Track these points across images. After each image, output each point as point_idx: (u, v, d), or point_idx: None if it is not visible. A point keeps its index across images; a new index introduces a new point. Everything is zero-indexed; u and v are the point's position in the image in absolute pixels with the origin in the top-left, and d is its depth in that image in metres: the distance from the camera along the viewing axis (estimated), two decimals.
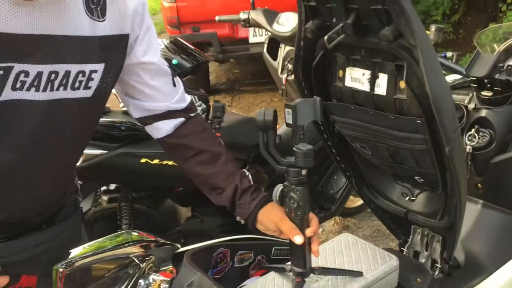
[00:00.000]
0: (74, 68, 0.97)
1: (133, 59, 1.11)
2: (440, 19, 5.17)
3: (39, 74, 0.91)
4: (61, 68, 0.94)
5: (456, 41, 5.16)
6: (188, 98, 1.27)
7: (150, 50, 1.13)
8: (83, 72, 0.99)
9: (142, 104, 1.20)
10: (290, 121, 1.03)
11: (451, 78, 1.77)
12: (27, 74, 0.90)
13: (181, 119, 1.23)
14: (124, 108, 2.05)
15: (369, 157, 1.36)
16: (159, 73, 1.17)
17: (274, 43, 2.64)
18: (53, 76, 0.94)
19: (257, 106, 5.35)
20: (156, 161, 1.87)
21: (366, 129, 1.23)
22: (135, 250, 1.14)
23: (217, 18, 2.55)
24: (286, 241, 1.44)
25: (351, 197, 2.89)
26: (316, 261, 1.30)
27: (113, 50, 1.05)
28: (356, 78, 1.20)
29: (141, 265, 1.08)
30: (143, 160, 1.85)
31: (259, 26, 2.39)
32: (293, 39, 2.17)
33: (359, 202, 3.05)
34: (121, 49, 1.07)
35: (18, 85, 0.90)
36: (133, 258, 1.09)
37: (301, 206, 1.08)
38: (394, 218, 1.53)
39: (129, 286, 1.00)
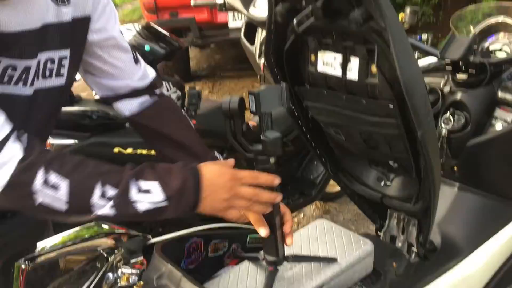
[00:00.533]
0: (43, 57, 0.96)
1: (92, 36, 1.08)
2: (420, 2, 5.16)
3: (26, 69, 0.92)
4: (42, 56, 0.95)
5: (436, 24, 5.16)
6: (151, 73, 1.23)
7: (108, 25, 1.10)
8: (52, 60, 0.98)
9: (104, 82, 1.16)
10: (254, 109, 1.00)
11: (426, 61, 1.75)
12: (14, 67, 0.90)
13: (146, 98, 1.21)
14: (97, 96, 2.01)
15: (343, 143, 1.34)
16: (118, 49, 1.14)
17: (251, 27, 2.60)
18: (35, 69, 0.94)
19: (238, 92, 5.31)
20: (129, 150, 1.83)
21: (339, 115, 1.21)
22: (103, 242, 1.11)
23: (192, 2, 2.49)
24: None
25: (331, 182, 2.89)
26: (290, 249, 1.29)
27: (78, 33, 1.03)
28: (328, 62, 1.17)
29: (109, 258, 1.05)
30: (116, 150, 1.81)
31: (235, 10, 2.34)
32: None
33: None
34: (85, 30, 1.05)
35: (6, 79, 0.90)
36: (101, 251, 1.06)
37: None
38: (370, 203, 1.52)
39: (96, 279, 0.97)
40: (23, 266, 0.91)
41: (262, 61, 2.48)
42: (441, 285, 1.38)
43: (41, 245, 1.02)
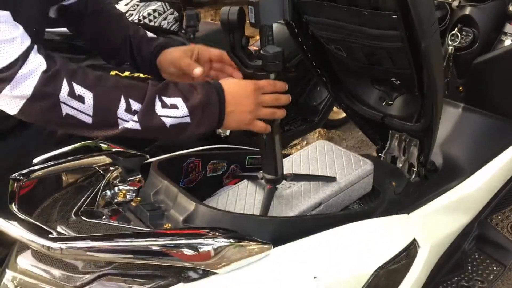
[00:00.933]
0: None
1: None
2: None
3: None
4: None
5: None
6: None
7: None
8: None
9: None
10: (253, 20, 0.95)
11: None
12: None
13: None
14: None
15: (344, 60, 1.29)
16: None
17: None
18: None
19: None
20: (126, 73, 1.79)
21: (340, 29, 1.15)
22: (100, 160, 1.10)
23: None
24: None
25: (335, 109, 2.86)
26: (290, 168, 1.29)
27: None
28: None
29: (105, 175, 1.05)
30: (112, 72, 1.77)
31: None
32: None
33: (343, 114, 3.01)
34: None
35: None
36: (97, 168, 1.06)
37: None
38: (371, 123, 1.50)
39: (92, 195, 0.97)
40: (18, 180, 0.90)
41: None
42: (440, 204, 1.38)
43: (37, 160, 1.01)
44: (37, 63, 0.82)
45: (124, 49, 1.19)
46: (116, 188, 1.03)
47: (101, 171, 1.06)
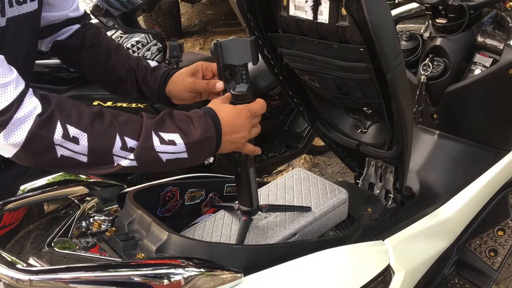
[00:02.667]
0: None
1: None
2: None
3: None
4: None
5: None
6: (82, 8, 1.23)
7: None
8: None
9: (43, 16, 1.12)
10: (218, 59, 0.99)
11: (407, 7, 1.72)
12: None
13: (78, 25, 1.20)
14: None
15: (318, 90, 1.33)
16: None
17: None
18: None
19: None
20: (109, 103, 1.82)
21: (312, 60, 1.19)
22: (77, 190, 1.12)
23: None
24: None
25: None
26: (266, 197, 1.31)
27: None
28: (299, 6, 1.14)
29: (81, 205, 1.06)
30: (95, 103, 1.79)
31: None
32: None
33: None
34: None
35: None
36: (73, 198, 1.07)
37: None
38: (348, 151, 1.53)
39: (66, 225, 0.98)
40: None
41: None
42: (417, 230, 1.40)
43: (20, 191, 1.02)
44: (32, 107, 0.80)
45: (130, 81, 1.19)
46: (91, 219, 1.05)
47: (77, 202, 1.07)
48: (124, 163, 0.86)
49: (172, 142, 0.88)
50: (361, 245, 1.21)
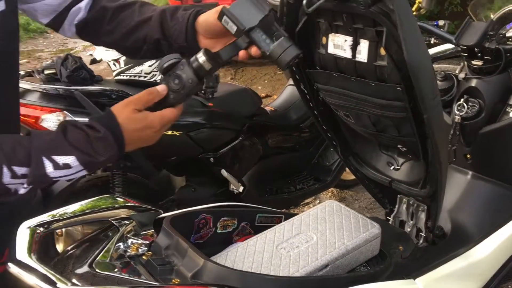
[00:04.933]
0: None
1: None
2: None
3: None
4: None
5: (463, 13, 5.05)
6: None
7: None
8: None
9: (45, 4, 1.06)
10: (236, 27, 0.89)
11: (443, 47, 1.74)
12: None
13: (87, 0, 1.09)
14: (118, 77, 2.06)
15: (353, 126, 1.35)
16: None
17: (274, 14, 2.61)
18: None
19: (260, 79, 5.33)
20: None
21: (348, 97, 1.22)
22: (116, 214, 1.15)
23: None
24: (269, 208, 1.46)
25: (348, 169, 2.90)
26: (298, 227, 1.32)
27: None
28: (338, 44, 1.18)
29: (120, 228, 1.10)
30: None
31: None
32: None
33: None
34: None
35: None
36: (112, 221, 1.11)
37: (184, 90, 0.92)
38: (380, 187, 1.53)
39: (106, 248, 1.01)
40: (38, 231, 0.96)
41: None
42: (448, 270, 1.38)
43: (54, 213, 1.07)
44: None
45: (154, 19, 1.05)
46: (129, 241, 1.08)
47: (116, 225, 1.11)
48: (22, 190, 0.81)
49: (67, 166, 0.82)
50: (393, 283, 1.20)
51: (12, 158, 0.79)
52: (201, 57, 0.89)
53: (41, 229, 0.97)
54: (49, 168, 0.81)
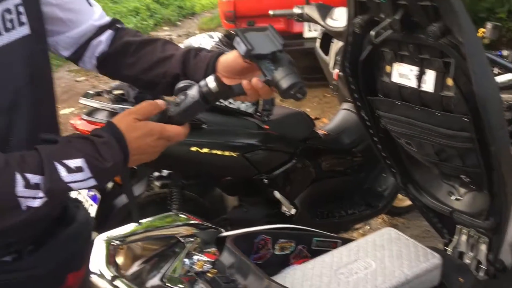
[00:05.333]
0: None
1: None
2: (505, 17, 4.93)
3: None
4: None
5: None
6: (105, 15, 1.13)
7: None
8: (9, 10, 0.91)
9: (67, 37, 1.08)
10: (244, 49, 0.89)
11: (506, 77, 1.71)
12: None
13: (110, 32, 1.11)
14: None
15: (414, 154, 1.36)
16: None
17: (327, 38, 2.64)
18: None
19: (309, 101, 5.35)
20: (205, 150, 1.94)
21: (411, 126, 1.23)
22: (181, 231, 1.21)
23: (271, 12, 2.58)
24: (326, 233, 1.47)
25: (400, 196, 2.85)
26: (356, 253, 1.32)
27: None
28: (403, 74, 1.20)
29: (186, 245, 1.14)
30: (193, 149, 1.92)
31: (313, 20, 2.40)
32: (345, 34, 2.17)
33: (409, 201, 3.00)
34: None
35: None
36: (179, 238, 1.16)
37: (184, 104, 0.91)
38: (439, 216, 1.51)
39: (174, 264, 1.06)
40: (114, 243, 1.02)
41: (335, 71, 2.51)
42: None
43: (126, 228, 1.13)
44: None
45: (177, 56, 1.06)
46: (194, 258, 1.12)
47: (183, 241, 1.16)
48: (36, 203, 0.77)
49: (79, 169, 0.80)
50: None
51: (23, 165, 0.76)
52: (211, 82, 0.90)
53: (117, 242, 1.03)
54: (62, 172, 0.79)
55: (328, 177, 2.46)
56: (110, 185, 2.13)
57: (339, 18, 2.29)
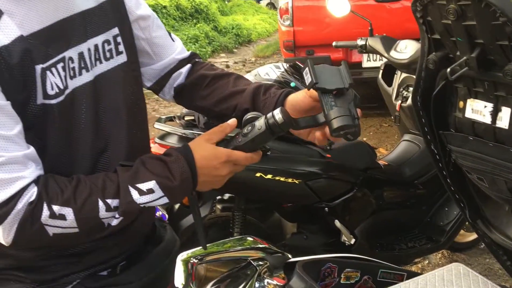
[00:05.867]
0: (99, 40, 0.99)
1: (131, 15, 1.09)
2: None
3: (81, 55, 0.94)
4: (91, 43, 0.97)
5: None
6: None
7: (140, 3, 1.12)
8: (108, 41, 1.01)
9: (151, 69, 1.18)
10: (309, 80, 0.93)
11: None
12: (72, 59, 0.92)
13: (189, 65, 1.21)
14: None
15: (485, 190, 1.35)
16: (157, 26, 1.16)
17: (389, 69, 2.67)
18: (88, 53, 0.95)
19: (365, 131, 5.32)
20: (269, 176, 1.99)
21: (484, 161, 1.23)
22: (251, 254, 1.25)
23: (334, 44, 2.64)
24: (392, 265, 1.47)
25: (462, 231, 2.78)
26: (424, 287, 1.31)
27: (116, 12, 1.05)
28: (477, 110, 1.21)
29: (257, 268, 1.19)
30: (257, 174, 1.98)
31: (376, 52, 2.43)
32: (410, 66, 2.18)
33: (471, 237, 2.90)
34: (123, 9, 1.07)
35: (71, 72, 0.92)
36: (251, 261, 1.20)
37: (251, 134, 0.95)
38: (509, 254, 1.48)
39: (246, 286, 1.10)
40: (192, 261, 1.08)
41: (398, 102, 2.52)
42: None
43: (201, 249, 1.19)
44: (29, 196, 0.82)
45: (248, 91, 1.13)
46: (265, 281, 1.16)
47: (254, 264, 1.20)
48: (114, 222, 0.89)
49: (150, 191, 0.90)
50: None
51: (104, 192, 0.88)
52: (277, 114, 0.94)
53: (195, 260, 1.09)
54: (135, 195, 0.89)
55: (389, 209, 2.44)
56: (177, 206, 2.22)
57: (403, 50, 2.31)
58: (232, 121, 1.01)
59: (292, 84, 2.20)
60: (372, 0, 4.80)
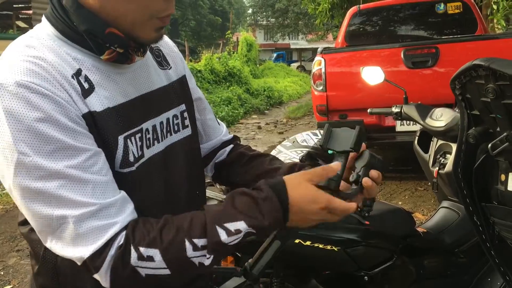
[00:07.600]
0: (170, 114, 1.09)
1: (193, 95, 1.21)
2: None
3: (154, 128, 1.03)
4: (164, 117, 1.06)
5: None
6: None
7: (195, 85, 1.23)
8: (176, 116, 1.11)
9: (203, 147, 1.27)
10: (318, 142, 1.00)
11: None
12: (148, 131, 1.01)
13: (231, 146, 1.32)
14: None
15: None
16: (209, 110, 1.28)
17: (424, 136, 2.69)
18: (160, 126, 1.05)
19: (400, 194, 5.26)
20: (308, 243, 2.00)
21: None
22: None
23: (369, 110, 2.70)
24: None
25: None
26: None
27: (183, 91, 1.16)
28: None
29: None
30: (296, 241, 1.99)
31: (411, 119, 2.48)
32: (446, 134, 2.21)
33: None
34: (187, 89, 1.19)
35: (147, 143, 1.01)
36: None
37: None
38: None
39: None
40: None
41: (435, 169, 2.52)
42: None
43: None
44: (118, 240, 0.86)
45: (284, 167, 1.19)
46: None
47: None
48: (206, 261, 0.88)
49: (238, 231, 0.88)
50: None
51: (191, 232, 0.88)
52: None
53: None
54: (223, 236, 0.88)
55: (429, 278, 2.38)
56: None
57: (439, 118, 2.35)
58: (336, 165, 0.98)
59: (329, 152, 2.24)
60: (405, 66, 4.90)
